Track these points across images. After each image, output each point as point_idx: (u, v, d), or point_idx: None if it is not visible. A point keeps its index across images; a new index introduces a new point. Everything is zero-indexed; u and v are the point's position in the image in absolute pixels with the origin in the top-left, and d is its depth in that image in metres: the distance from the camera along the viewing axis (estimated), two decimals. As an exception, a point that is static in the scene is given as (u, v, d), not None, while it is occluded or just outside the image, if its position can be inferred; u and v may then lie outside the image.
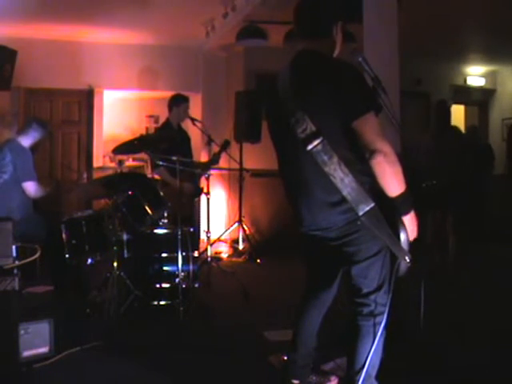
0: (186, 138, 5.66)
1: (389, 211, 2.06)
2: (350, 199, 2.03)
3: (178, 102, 5.44)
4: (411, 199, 2.08)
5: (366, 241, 2.15)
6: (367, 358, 2.15)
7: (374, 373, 2.22)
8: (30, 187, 4.36)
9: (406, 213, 2.08)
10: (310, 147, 2.05)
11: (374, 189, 2.06)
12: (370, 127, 2.01)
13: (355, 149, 2.08)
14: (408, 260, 2.08)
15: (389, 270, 2.19)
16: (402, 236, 2.07)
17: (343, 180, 2.03)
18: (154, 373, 3.01)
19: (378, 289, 2.18)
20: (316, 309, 2.51)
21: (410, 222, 2.10)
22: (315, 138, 2.04)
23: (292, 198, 2.32)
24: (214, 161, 5.78)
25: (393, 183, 2.02)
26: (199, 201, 5.93)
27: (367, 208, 2.03)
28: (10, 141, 4.53)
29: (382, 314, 2.17)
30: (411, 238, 2.11)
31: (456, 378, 2.89)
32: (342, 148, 2.06)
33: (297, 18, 2.30)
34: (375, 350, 2.16)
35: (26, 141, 4.49)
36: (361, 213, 2.03)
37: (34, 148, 4.61)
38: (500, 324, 3.76)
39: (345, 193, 2.03)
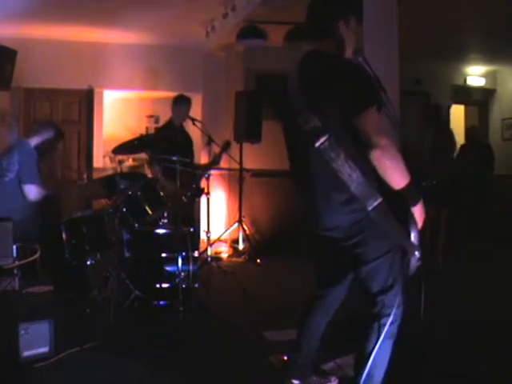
0: (187, 140, 5.66)
1: (398, 207, 2.07)
2: (358, 194, 2.05)
3: (177, 102, 5.49)
4: (418, 190, 2.09)
5: (373, 241, 2.15)
6: (369, 358, 2.15)
7: (377, 374, 2.20)
8: (31, 190, 4.35)
9: (415, 203, 2.10)
10: (317, 144, 2.06)
11: (381, 185, 2.07)
12: (368, 123, 2.03)
13: (361, 147, 2.09)
14: (418, 254, 2.08)
15: (399, 271, 2.18)
16: (413, 233, 2.08)
17: (351, 175, 2.04)
18: (154, 373, 3.01)
19: (386, 290, 2.18)
20: (322, 310, 2.52)
21: (418, 212, 2.11)
22: (322, 135, 2.06)
23: (302, 198, 2.33)
24: (214, 162, 5.77)
25: (395, 176, 2.04)
26: (199, 201, 5.93)
27: (375, 203, 2.04)
28: (20, 141, 4.53)
29: (387, 315, 2.15)
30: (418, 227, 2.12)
31: (456, 378, 2.89)
32: (348, 146, 2.07)
33: (306, 20, 2.33)
34: (381, 351, 2.15)
35: (35, 143, 4.49)
36: (369, 208, 2.04)
37: (43, 151, 4.60)
38: (500, 324, 3.76)
39: (353, 188, 2.05)
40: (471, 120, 9.43)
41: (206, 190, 5.24)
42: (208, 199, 5.21)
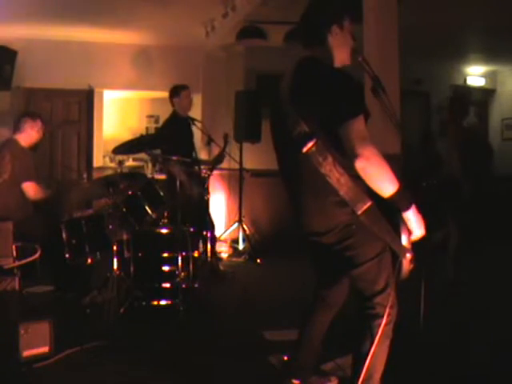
0: (191, 133, 5.62)
1: (388, 209, 2.06)
2: (347, 198, 2.04)
3: (177, 92, 5.37)
4: (408, 195, 2.07)
5: (363, 245, 2.16)
6: (366, 358, 2.15)
7: (375, 375, 2.21)
8: (30, 188, 4.35)
9: (406, 209, 2.06)
10: (304, 149, 2.05)
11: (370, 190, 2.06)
12: (350, 134, 2.00)
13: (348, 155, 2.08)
14: (410, 256, 2.06)
15: (390, 272, 2.18)
16: (403, 237, 2.07)
17: (339, 180, 2.03)
18: (154, 373, 3.01)
19: (379, 291, 2.19)
20: (324, 310, 2.52)
21: (411, 218, 2.07)
22: (309, 139, 2.05)
23: (291, 201, 2.34)
24: (219, 159, 5.72)
25: (382, 184, 2.01)
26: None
27: (365, 206, 2.03)
28: (9, 141, 4.52)
29: (381, 316, 2.16)
30: (417, 235, 2.08)
31: (456, 378, 2.89)
32: (336, 151, 2.07)
33: (299, 28, 2.35)
34: (378, 352, 2.15)
35: (24, 139, 4.48)
36: (359, 211, 2.03)
37: (33, 146, 4.60)
38: (500, 324, 3.76)
39: (342, 192, 2.03)
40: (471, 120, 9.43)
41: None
42: (208, 199, 5.21)
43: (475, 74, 9.17)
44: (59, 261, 4.18)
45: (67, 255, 4.14)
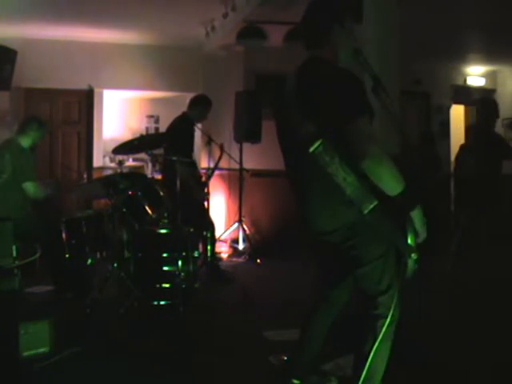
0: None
1: (394, 209, 2.06)
2: (354, 198, 2.04)
3: (208, 105, 5.48)
4: (414, 194, 2.08)
5: (368, 244, 2.16)
6: (367, 359, 2.15)
7: (376, 375, 2.21)
8: (30, 188, 4.35)
9: (412, 208, 2.07)
10: (311, 149, 2.06)
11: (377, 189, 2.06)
12: (355, 134, 2.02)
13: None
14: (415, 257, 2.06)
15: (394, 273, 2.19)
16: (409, 235, 2.07)
17: (346, 179, 2.04)
18: (154, 373, 3.01)
19: (383, 292, 2.19)
20: (327, 310, 2.51)
21: (418, 217, 2.08)
22: (316, 139, 2.06)
23: (298, 201, 2.34)
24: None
25: (388, 183, 2.03)
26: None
27: (371, 206, 2.04)
28: (9, 141, 4.53)
29: (385, 317, 2.15)
30: (422, 235, 2.09)
31: (457, 378, 2.89)
32: (343, 151, 2.07)
33: (301, 29, 2.34)
34: (380, 352, 2.16)
35: (26, 141, 4.49)
36: (365, 211, 2.03)
37: (32, 147, 4.61)
38: (500, 325, 3.76)
39: (348, 192, 2.04)
40: (471, 120, 9.43)
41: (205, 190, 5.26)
42: (208, 199, 5.21)
43: (475, 74, 9.16)
44: (59, 261, 4.19)
45: (67, 255, 4.14)
